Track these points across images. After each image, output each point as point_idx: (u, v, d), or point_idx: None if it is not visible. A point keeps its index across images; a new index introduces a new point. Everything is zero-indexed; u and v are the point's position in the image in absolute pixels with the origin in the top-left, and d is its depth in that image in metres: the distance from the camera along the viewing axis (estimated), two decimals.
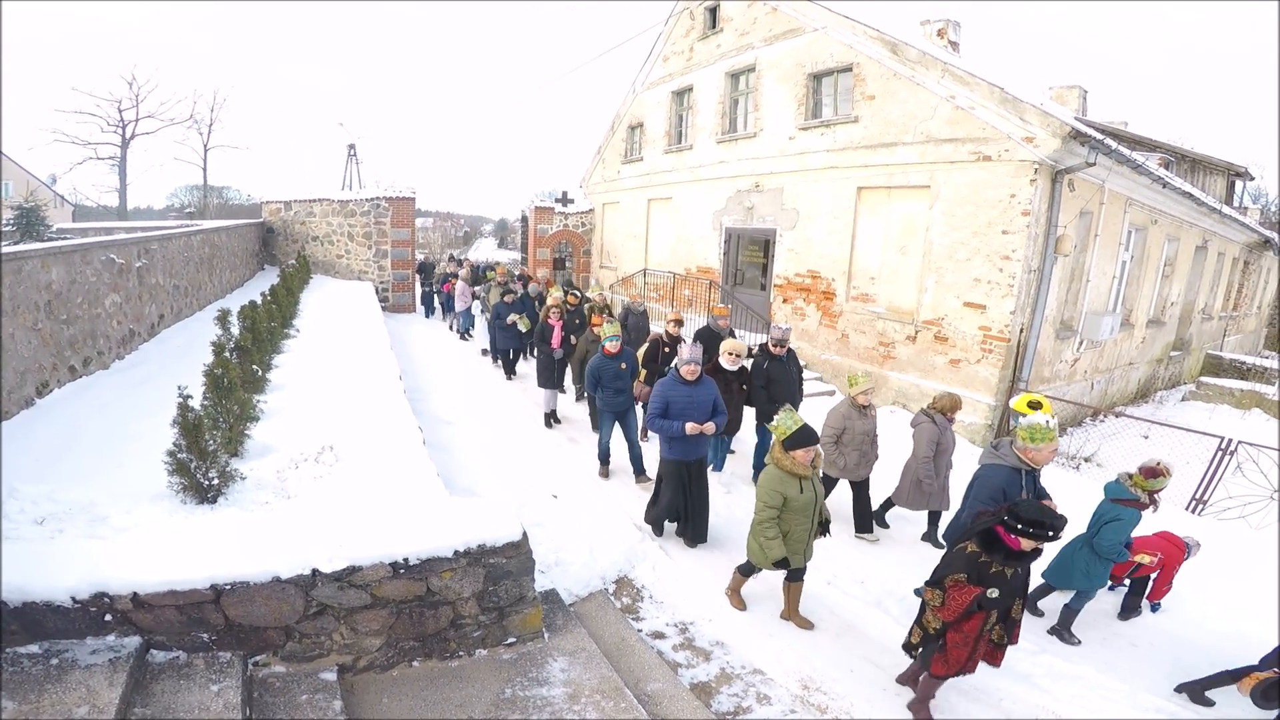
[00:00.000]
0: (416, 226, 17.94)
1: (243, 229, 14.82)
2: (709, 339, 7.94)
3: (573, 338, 9.00)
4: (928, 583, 3.50)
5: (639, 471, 6.89)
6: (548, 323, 8.94)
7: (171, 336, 8.45)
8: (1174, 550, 4.84)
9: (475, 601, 3.64)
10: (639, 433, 7.18)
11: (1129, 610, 5.00)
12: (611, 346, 6.76)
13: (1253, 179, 20.36)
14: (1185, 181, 12.17)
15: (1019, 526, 3.15)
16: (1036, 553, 3.27)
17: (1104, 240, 9.70)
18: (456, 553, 3.49)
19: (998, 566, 3.26)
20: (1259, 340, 22.88)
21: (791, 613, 4.59)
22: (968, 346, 8.84)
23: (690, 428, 5.08)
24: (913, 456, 5.71)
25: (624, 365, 6.84)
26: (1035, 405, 5.88)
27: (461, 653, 3.68)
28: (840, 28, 10.15)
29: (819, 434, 5.40)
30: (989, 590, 3.27)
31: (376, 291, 15.64)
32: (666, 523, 5.76)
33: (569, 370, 9.18)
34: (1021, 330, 8.49)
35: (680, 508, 5.50)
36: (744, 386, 6.76)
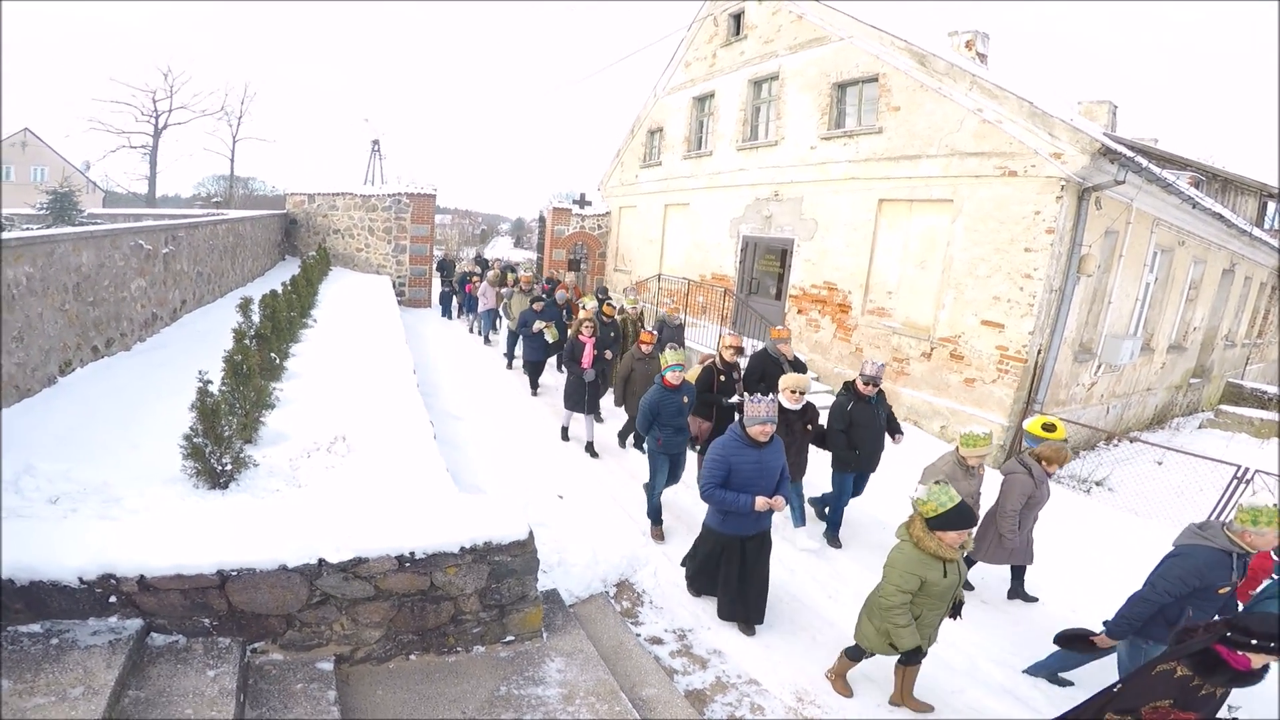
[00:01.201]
0: (435, 223, 18.11)
1: (266, 219, 15.03)
2: (767, 367, 6.97)
3: (607, 353, 8.13)
4: (1115, 710, 2.98)
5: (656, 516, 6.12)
6: (579, 339, 7.92)
7: (192, 321, 8.58)
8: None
9: (477, 598, 3.66)
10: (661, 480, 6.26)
11: None
12: (673, 378, 5.80)
13: None
14: (1216, 202, 11.95)
15: (1254, 643, 2.61)
16: (1266, 669, 2.72)
17: (1128, 261, 9.54)
18: (462, 549, 3.51)
19: (1209, 689, 2.77)
20: None
21: (905, 697, 4.04)
22: (983, 365, 8.74)
23: (762, 503, 4.17)
24: (998, 508, 5.11)
25: (686, 399, 5.95)
26: (1050, 428, 5.79)
27: (459, 648, 3.70)
28: (867, 38, 10.10)
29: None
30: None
31: (394, 286, 15.81)
32: (703, 593, 4.88)
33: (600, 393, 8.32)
34: (1039, 351, 8.37)
35: (734, 584, 4.55)
36: (808, 426, 5.88)
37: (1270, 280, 17.85)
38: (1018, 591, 5.46)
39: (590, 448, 7.81)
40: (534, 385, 10.10)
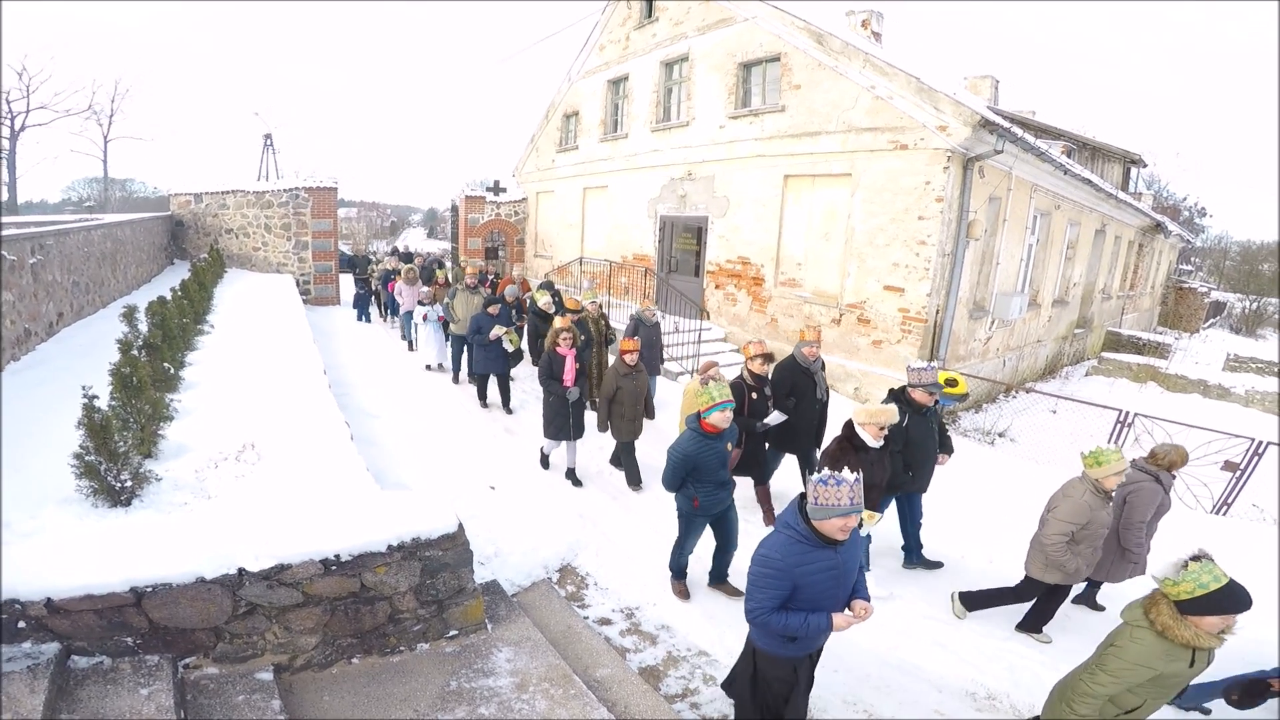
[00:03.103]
0: (340, 217, 17.28)
1: (149, 223, 13.91)
2: (798, 379, 5.91)
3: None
4: None
5: (721, 577, 4.91)
6: (556, 352, 6.56)
7: (73, 335, 7.89)
8: None
9: (413, 595, 3.61)
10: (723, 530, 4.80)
11: None
12: (720, 421, 4.31)
13: (1145, 166, 21.96)
14: (1085, 168, 13.02)
15: None
16: None
17: (1012, 225, 10.29)
18: (390, 547, 3.45)
19: None
20: (1153, 318, 24.80)
21: None
22: (888, 328, 9.25)
23: (842, 620, 2.86)
24: (1123, 521, 4.54)
25: (730, 445, 4.59)
26: (952, 382, 6.16)
27: (403, 647, 3.65)
28: (769, 18, 10.35)
29: (1057, 532, 4.18)
30: None
31: (297, 284, 15.03)
32: None
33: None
34: (938, 311, 8.94)
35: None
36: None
37: (1136, 239, 19.64)
38: (1088, 598, 5.05)
39: (572, 474, 6.69)
40: (483, 399, 8.83)
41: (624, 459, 6.71)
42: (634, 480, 6.62)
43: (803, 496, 2.87)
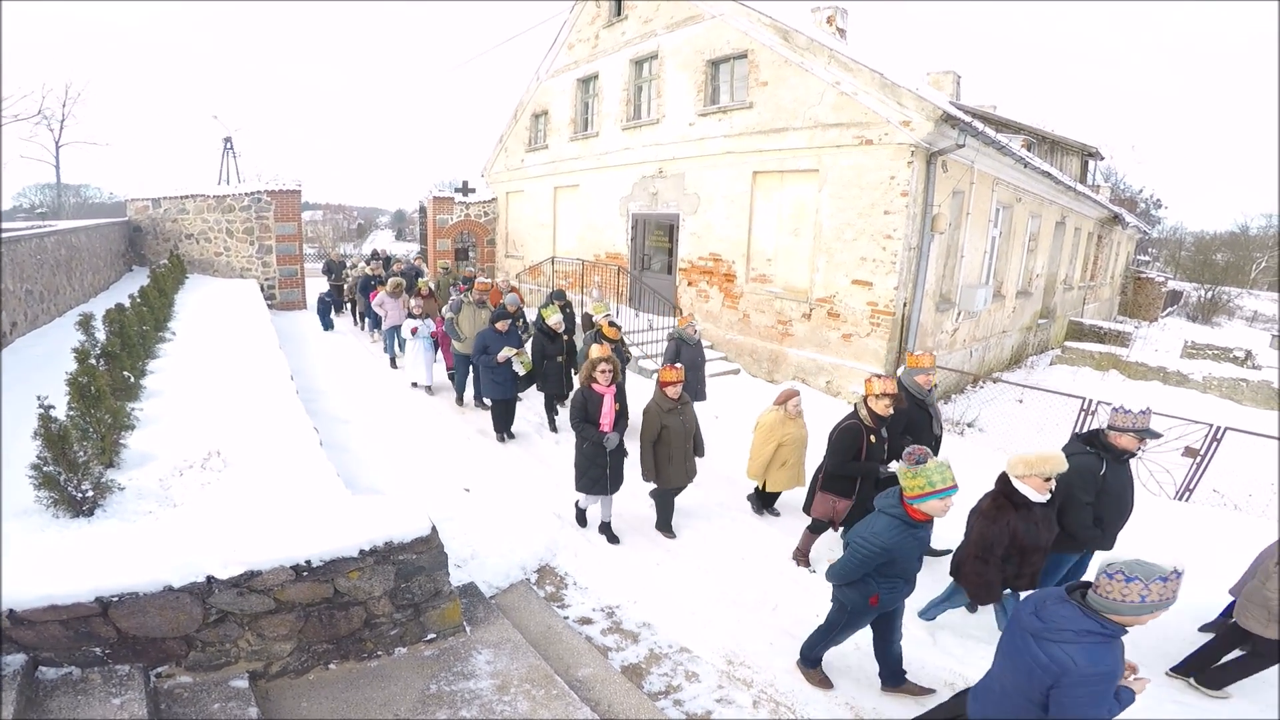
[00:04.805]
0: (305, 220, 16.95)
1: (105, 229, 13.49)
2: (911, 414, 5.19)
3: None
4: None
5: (900, 678, 3.99)
6: (592, 389, 5.39)
7: (27, 346, 7.63)
8: None
9: (388, 600, 3.58)
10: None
11: None
12: (939, 510, 3.32)
13: (1103, 159, 22.57)
14: (1045, 162, 13.32)
15: None
16: None
17: (975, 218, 10.51)
18: (362, 551, 3.42)
19: None
20: (1113, 307, 25.52)
21: None
22: (858, 321, 9.39)
23: (1139, 686, 2.65)
24: None
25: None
26: None
27: (380, 652, 3.62)
28: (736, 14, 10.42)
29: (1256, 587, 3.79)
30: None
31: (262, 289, 14.72)
32: None
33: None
34: (905, 304, 9.10)
35: None
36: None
37: (1095, 230, 20.18)
38: None
39: (607, 529, 5.65)
40: (500, 431, 7.81)
41: (659, 504, 5.79)
42: (667, 527, 5.78)
43: (1070, 590, 2.56)
